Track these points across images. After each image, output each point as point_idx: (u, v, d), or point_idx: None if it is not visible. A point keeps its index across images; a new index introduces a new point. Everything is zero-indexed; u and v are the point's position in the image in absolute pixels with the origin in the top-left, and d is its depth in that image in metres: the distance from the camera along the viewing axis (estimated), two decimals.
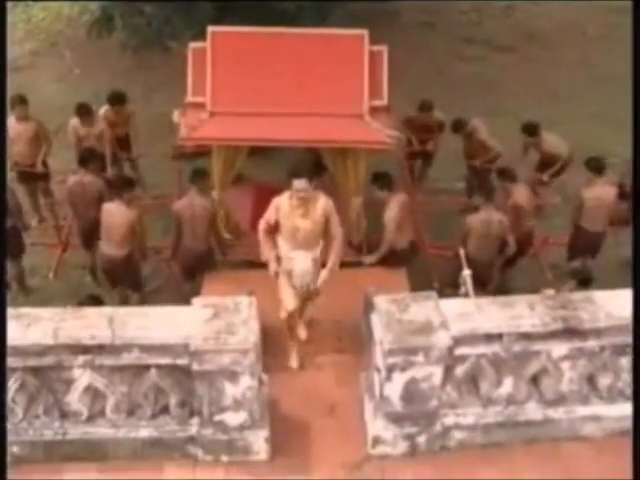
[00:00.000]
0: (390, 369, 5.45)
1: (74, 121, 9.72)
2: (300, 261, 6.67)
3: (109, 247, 8.05)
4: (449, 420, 5.82)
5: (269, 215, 6.66)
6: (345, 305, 7.35)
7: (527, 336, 5.47)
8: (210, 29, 8.17)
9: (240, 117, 7.81)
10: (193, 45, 8.38)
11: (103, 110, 9.92)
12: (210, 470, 5.76)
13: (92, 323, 5.26)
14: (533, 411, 5.89)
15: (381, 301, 5.61)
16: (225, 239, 8.45)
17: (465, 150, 10.13)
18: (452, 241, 8.21)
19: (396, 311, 5.47)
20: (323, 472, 5.80)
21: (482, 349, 5.49)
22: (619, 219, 9.20)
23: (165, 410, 5.71)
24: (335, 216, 6.66)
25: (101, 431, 5.64)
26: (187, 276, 8.24)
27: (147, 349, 5.26)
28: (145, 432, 5.66)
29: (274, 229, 6.72)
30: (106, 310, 5.49)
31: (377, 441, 5.80)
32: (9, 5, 10.62)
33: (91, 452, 5.67)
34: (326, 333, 7.29)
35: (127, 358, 5.30)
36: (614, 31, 13.42)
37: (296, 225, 6.59)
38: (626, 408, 5.92)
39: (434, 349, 5.33)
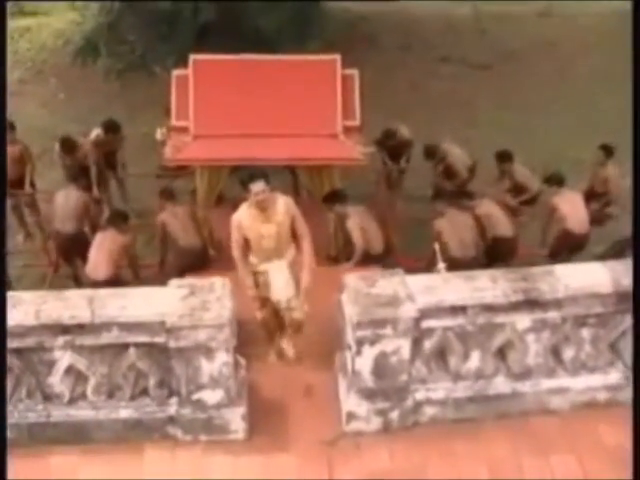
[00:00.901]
0: (360, 342, 5.67)
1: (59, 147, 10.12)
2: (276, 275, 6.57)
3: (97, 271, 8.25)
4: (420, 395, 6.01)
5: (235, 236, 6.51)
6: (323, 301, 7.55)
7: (490, 308, 5.70)
8: (192, 57, 8.65)
9: (222, 139, 8.26)
10: (176, 72, 8.87)
11: (95, 134, 10.31)
12: (189, 450, 5.93)
13: (72, 304, 5.49)
14: (501, 385, 6.09)
15: (350, 279, 5.86)
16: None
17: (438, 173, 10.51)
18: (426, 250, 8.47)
19: (364, 286, 5.72)
20: (300, 450, 5.97)
21: (448, 322, 5.72)
22: (590, 219, 9.53)
23: (145, 392, 5.90)
24: (298, 214, 6.55)
25: (83, 413, 5.82)
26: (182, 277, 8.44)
27: (125, 327, 5.47)
28: (125, 413, 5.83)
29: (246, 249, 6.60)
30: (86, 292, 5.72)
31: (351, 417, 5.99)
32: None
33: (74, 434, 5.82)
34: (305, 327, 7.48)
35: (106, 337, 5.50)
36: (587, 48, 13.95)
37: (260, 233, 6.43)
38: (590, 380, 6.19)
39: (401, 321, 5.55)
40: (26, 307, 5.48)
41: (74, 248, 8.95)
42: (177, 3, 11.48)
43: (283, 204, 6.45)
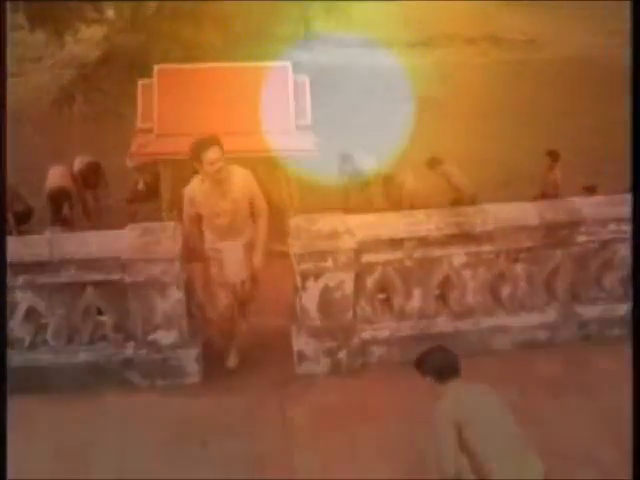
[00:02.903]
0: (304, 277, 6.02)
1: None
2: (230, 254, 6.10)
3: None
4: (366, 335, 6.32)
5: (187, 212, 6.08)
6: (281, 283, 7.88)
7: (426, 241, 6.08)
8: (156, 67, 9.31)
9: (183, 136, 8.76)
10: (141, 81, 9.49)
11: (78, 162, 10.97)
12: (147, 395, 6.17)
13: (33, 243, 5.85)
14: (444, 324, 6.41)
15: (294, 220, 6.24)
16: None
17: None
18: None
19: (306, 224, 6.11)
20: (253, 392, 6.23)
21: (386, 255, 6.09)
22: None
23: (103, 337, 6.18)
24: (258, 190, 6.09)
25: (43, 357, 6.08)
26: None
27: (83, 265, 5.81)
28: (84, 357, 6.09)
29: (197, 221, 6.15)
30: (46, 235, 6.09)
31: (301, 357, 6.27)
32: None
33: (34, 380, 6.03)
34: (263, 307, 7.76)
35: (65, 276, 5.83)
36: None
37: (214, 210, 5.93)
38: (529, 319, 6.51)
39: (341, 252, 5.92)
40: None
41: None
42: (149, 45, 12.23)
43: (241, 178, 5.94)
